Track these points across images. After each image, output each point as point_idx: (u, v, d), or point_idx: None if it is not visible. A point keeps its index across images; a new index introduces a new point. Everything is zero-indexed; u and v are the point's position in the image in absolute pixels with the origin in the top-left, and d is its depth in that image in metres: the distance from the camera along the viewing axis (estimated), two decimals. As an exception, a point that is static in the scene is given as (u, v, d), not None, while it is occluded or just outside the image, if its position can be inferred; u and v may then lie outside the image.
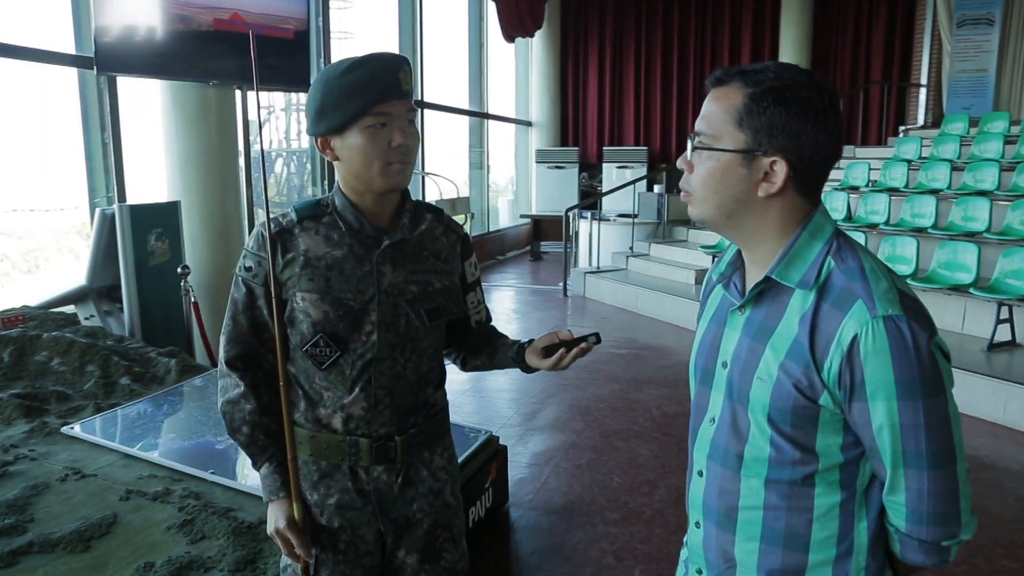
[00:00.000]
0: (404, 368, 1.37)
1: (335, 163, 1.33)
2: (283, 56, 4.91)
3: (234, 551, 2.01)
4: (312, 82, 1.33)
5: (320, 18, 6.80)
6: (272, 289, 1.32)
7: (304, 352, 1.33)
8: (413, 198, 1.44)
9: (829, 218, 1.04)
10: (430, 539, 1.43)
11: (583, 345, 1.37)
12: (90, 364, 3.22)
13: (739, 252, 1.12)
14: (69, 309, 4.09)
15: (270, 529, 1.35)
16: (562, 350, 1.38)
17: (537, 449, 3.74)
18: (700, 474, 1.14)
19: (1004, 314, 4.56)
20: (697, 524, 1.15)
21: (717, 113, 1.00)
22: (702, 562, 1.15)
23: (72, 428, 2.68)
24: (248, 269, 1.36)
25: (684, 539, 1.28)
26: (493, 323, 1.61)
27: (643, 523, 2.96)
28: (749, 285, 1.09)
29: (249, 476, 2.47)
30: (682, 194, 1.09)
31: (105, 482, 2.36)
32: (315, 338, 1.32)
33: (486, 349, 1.52)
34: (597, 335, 1.39)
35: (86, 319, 4.07)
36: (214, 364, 4.12)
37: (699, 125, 1.03)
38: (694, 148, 1.03)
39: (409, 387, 1.38)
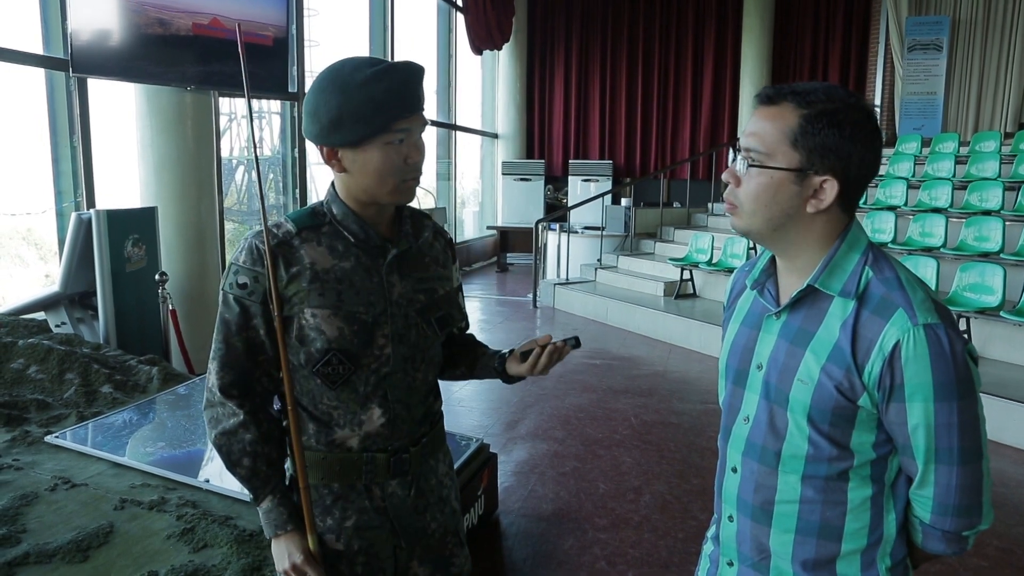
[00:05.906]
0: (415, 379, 1.33)
1: (339, 174, 1.25)
2: (262, 62, 4.88)
3: (239, 559, 1.98)
4: (317, 85, 1.20)
5: (294, 25, 6.76)
6: (272, 307, 1.22)
7: (315, 372, 1.25)
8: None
9: (863, 231, 1.10)
10: (441, 547, 1.41)
11: (557, 343, 1.35)
12: (69, 372, 3.13)
13: (772, 259, 1.18)
14: (39, 316, 3.97)
15: (283, 566, 1.25)
16: (536, 350, 1.36)
17: (521, 457, 3.77)
18: (734, 471, 1.18)
19: (963, 326, 4.78)
20: (730, 518, 1.19)
21: (771, 132, 1.03)
22: (734, 554, 1.20)
23: (57, 437, 2.61)
24: (242, 286, 1.23)
25: (707, 535, 1.33)
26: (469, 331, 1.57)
27: (631, 529, 3.01)
28: (783, 291, 1.14)
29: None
30: (726, 206, 1.11)
31: (97, 491, 2.31)
32: (327, 356, 1.23)
33: (466, 359, 1.48)
34: (576, 339, 1.38)
35: (57, 326, 3.95)
36: (192, 372, 4.04)
37: (750, 142, 1.05)
38: (749, 165, 1.05)
39: (421, 398, 1.36)
